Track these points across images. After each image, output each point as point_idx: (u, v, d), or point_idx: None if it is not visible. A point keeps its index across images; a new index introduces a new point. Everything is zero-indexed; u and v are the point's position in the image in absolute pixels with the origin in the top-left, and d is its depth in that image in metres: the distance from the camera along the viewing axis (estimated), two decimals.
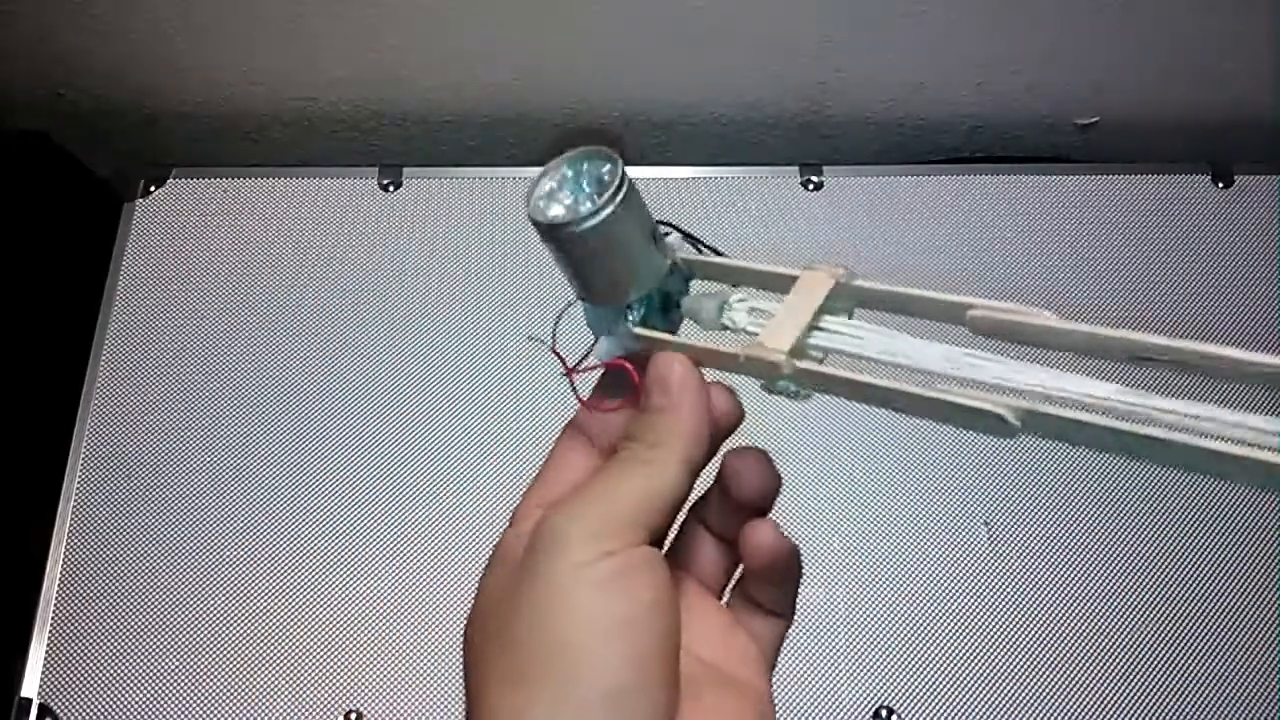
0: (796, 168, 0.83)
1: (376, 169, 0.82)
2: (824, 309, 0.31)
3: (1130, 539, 0.70)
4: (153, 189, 0.81)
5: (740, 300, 0.32)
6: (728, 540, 0.35)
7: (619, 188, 0.30)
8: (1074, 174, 0.85)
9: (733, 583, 0.36)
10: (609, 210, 0.30)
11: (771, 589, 0.35)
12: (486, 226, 0.80)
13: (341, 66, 0.84)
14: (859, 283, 0.31)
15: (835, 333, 0.31)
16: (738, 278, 0.33)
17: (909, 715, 0.65)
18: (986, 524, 0.71)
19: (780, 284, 0.32)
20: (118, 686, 0.65)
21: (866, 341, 0.30)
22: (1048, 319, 0.28)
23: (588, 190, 0.31)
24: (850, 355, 0.30)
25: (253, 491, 0.70)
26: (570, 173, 0.31)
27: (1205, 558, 0.70)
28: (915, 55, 0.84)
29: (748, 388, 0.32)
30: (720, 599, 0.36)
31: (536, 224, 0.31)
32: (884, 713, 0.65)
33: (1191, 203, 0.83)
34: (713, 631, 0.34)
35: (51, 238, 0.85)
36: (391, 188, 0.82)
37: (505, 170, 0.83)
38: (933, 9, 0.79)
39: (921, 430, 0.71)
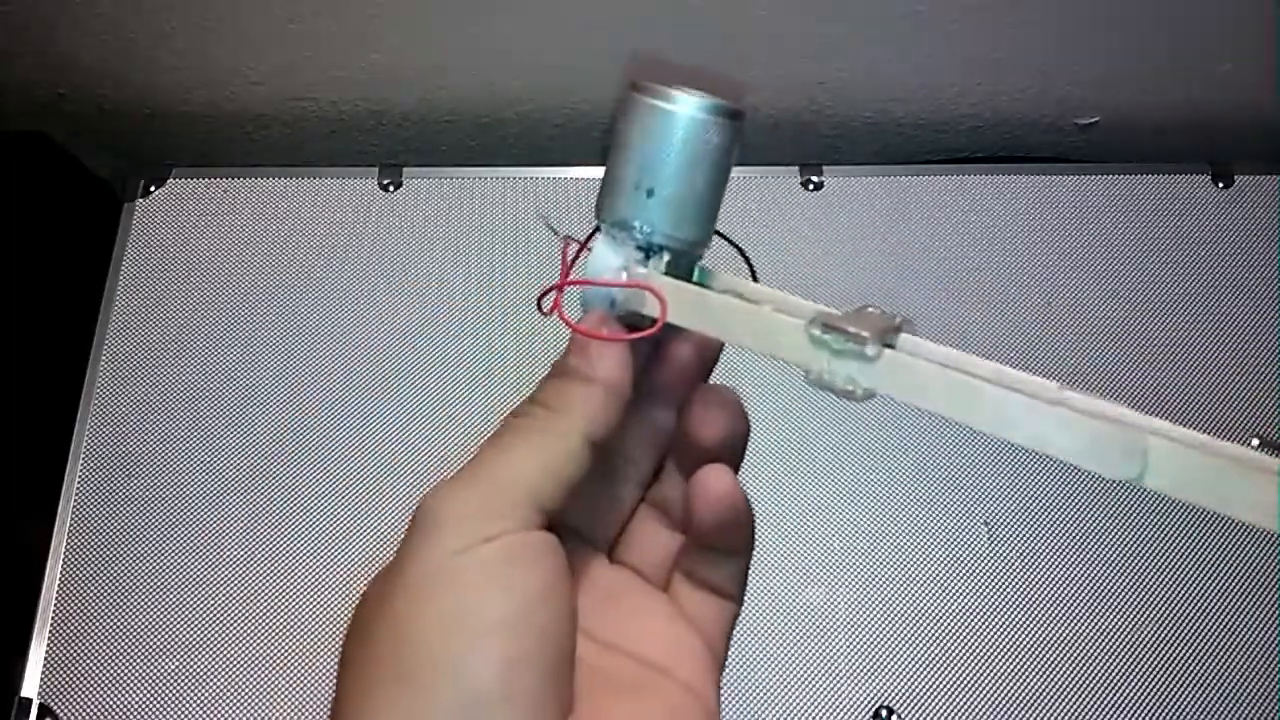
0: (796, 168, 0.83)
1: (376, 169, 0.82)
2: (888, 337, 0.27)
3: (1131, 539, 0.70)
4: (153, 189, 0.81)
5: (772, 309, 0.29)
6: (679, 523, 0.32)
7: (741, 116, 0.29)
8: (1074, 174, 0.84)
9: (676, 564, 0.32)
10: (735, 125, 0.29)
11: (720, 561, 0.31)
12: (486, 226, 0.80)
13: (341, 66, 0.84)
14: (918, 339, 0.27)
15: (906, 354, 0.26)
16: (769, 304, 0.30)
17: (909, 715, 0.65)
18: (986, 524, 0.71)
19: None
20: (118, 686, 0.65)
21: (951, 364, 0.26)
22: (1135, 415, 0.25)
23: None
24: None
25: (253, 491, 0.70)
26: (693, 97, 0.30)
27: (1206, 558, 0.70)
28: (915, 55, 0.84)
29: (744, 386, 0.31)
30: (665, 590, 0.32)
31: (661, 94, 0.29)
32: (884, 713, 0.65)
33: (1191, 203, 0.83)
34: (650, 625, 0.31)
35: (51, 238, 0.85)
36: (391, 188, 0.82)
37: (505, 170, 0.83)
38: (933, 9, 0.79)
39: (922, 429, 0.71)
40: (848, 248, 0.80)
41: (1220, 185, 0.83)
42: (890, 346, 0.27)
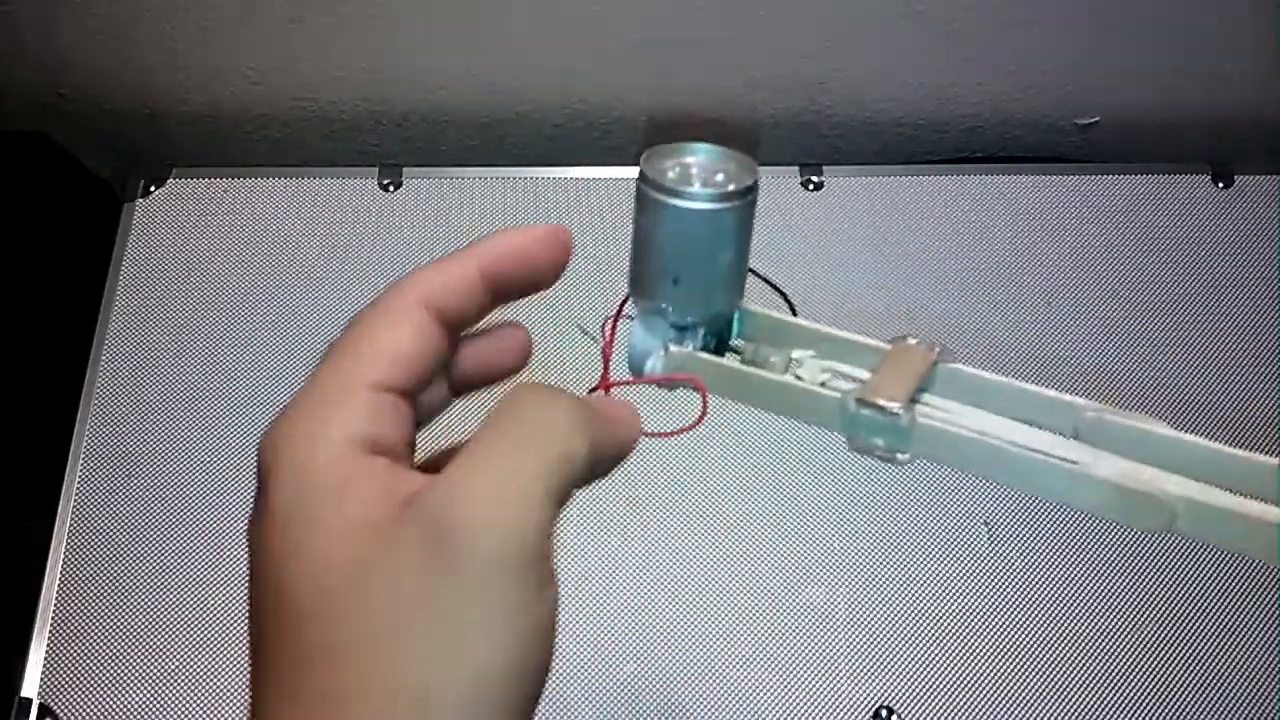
0: (796, 168, 0.83)
1: (376, 169, 0.82)
2: (922, 385, 0.28)
3: (1131, 539, 0.70)
4: (153, 189, 0.81)
5: (812, 356, 0.30)
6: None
7: (755, 188, 0.29)
8: (1074, 174, 0.85)
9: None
10: (749, 200, 0.28)
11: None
12: (486, 226, 0.80)
13: (341, 66, 0.84)
14: (955, 366, 0.29)
15: (938, 410, 0.28)
16: (810, 342, 0.30)
17: (909, 715, 0.65)
18: (986, 524, 0.71)
19: (857, 354, 0.29)
20: (118, 686, 0.65)
21: (980, 423, 0.27)
22: (1167, 430, 0.26)
23: (712, 181, 0.29)
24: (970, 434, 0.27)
25: (253, 491, 0.70)
26: (697, 162, 0.29)
27: (1205, 557, 0.70)
28: (915, 55, 0.84)
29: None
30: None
31: (661, 186, 0.28)
32: (884, 713, 0.65)
33: (1191, 203, 0.83)
34: None
35: (51, 238, 0.85)
36: (391, 188, 0.82)
37: (505, 170, 0.83)
38: (932, 9, 0.79)
39: None
40: (848, 248, 0.80)
41: (1220, 185, 0.84)
42: (924, 391, 0.28)
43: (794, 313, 0.32)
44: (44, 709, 0.64)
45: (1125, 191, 0.83)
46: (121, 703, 0.64)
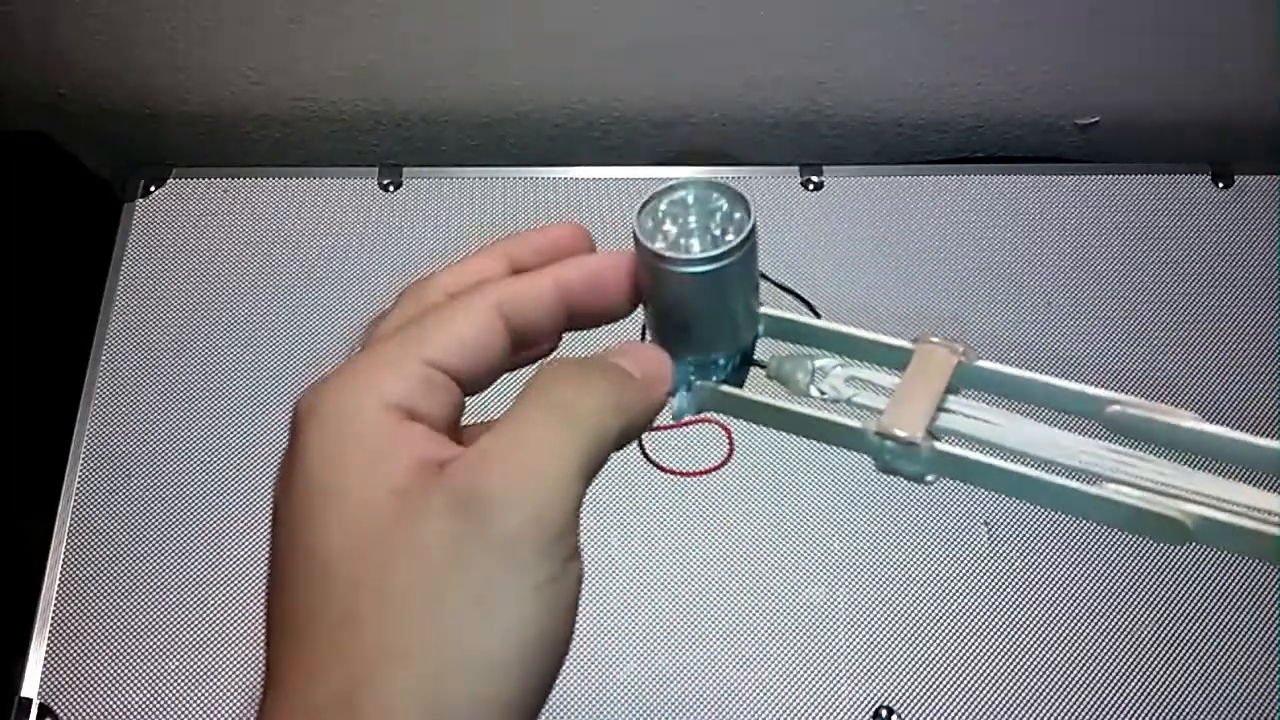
0: (796, 168, 0.83)
1: (376, 169, 0.82)
2: (948, 389, 0.29)
3: (1130, 538, 0.70)
4: (153, 189, 0.81)
5: (838, 366, 0.30)
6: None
7: (752, 233, 0.28)
8: (1074, 174, 0.85)
9: None
10: (736, 257, 0.27)
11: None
12: (486, 226, 0.80)
13: (341, 66, 0.84)
14: (981, 364, 0.29)
15: (963, 415, 0.28)
16: (830, 343, 0.30)
17: (909, 715, 0.65)
18: (986, 524, 0.71)
19: (880, 353, 0.30)
20: (118, 686, 0.65)
21: (1002, 430, 0.28)
22: (1194, 421, 0.27)
23: (710, 226, 0.28)
24: (983, 443, 0.28)
25: (253, 491, 0.70)
26: (690, 199, 0.29)
27: (1206, 557, 0.70)
28: (915, 55, 0.84)
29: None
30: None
31: (652, 253, 0.28)
32: (884, 713, 0.65)
33: (1191, 203, 0.83)
34: None
35: (51, 238, 0.85)
36: (391, 188, 0.82)
37: (505, 170, 0.83)
38: (932, 9, 0.79)
39: None
40: (848, 248, 0.80)
41: (1220, 185, 0.83)
42: (950, 393, 0.29)
43: (817, 316, 0.31)
44: (44, 709, 0.64)
45: (1125, 191, 0.83)
46: (121, 703, 0.64)
